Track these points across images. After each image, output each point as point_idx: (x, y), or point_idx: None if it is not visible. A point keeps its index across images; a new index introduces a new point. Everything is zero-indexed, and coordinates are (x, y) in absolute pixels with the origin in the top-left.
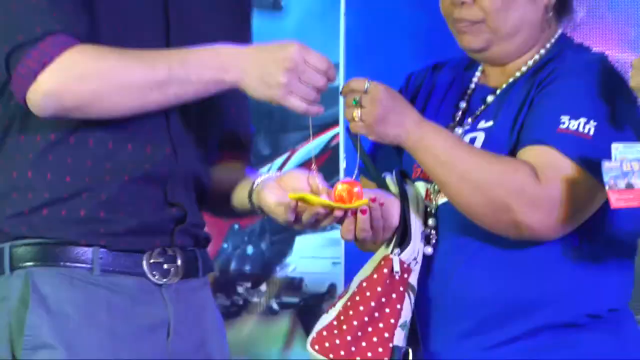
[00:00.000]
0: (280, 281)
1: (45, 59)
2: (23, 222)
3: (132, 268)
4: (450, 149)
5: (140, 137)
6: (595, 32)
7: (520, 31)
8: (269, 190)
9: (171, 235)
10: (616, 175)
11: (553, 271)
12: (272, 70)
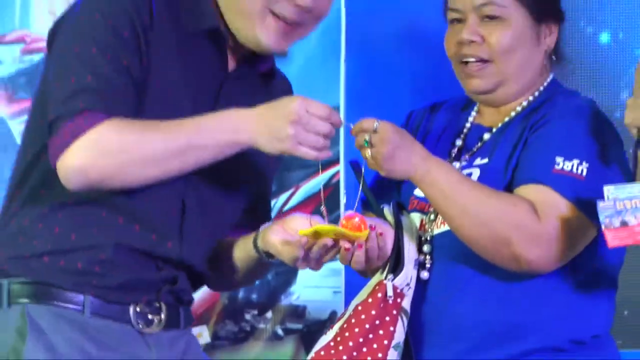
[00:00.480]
0: (285, 309)
1: (77, 132)
2: (23, 264)
3: (119, 315)
4: (454, 184)
5: (150, 224)
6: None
7: (524, 73)
8: (274, 232)
9: (158, 292)
10: (611, 215)
11: (542, 299)
12: (279, 126)
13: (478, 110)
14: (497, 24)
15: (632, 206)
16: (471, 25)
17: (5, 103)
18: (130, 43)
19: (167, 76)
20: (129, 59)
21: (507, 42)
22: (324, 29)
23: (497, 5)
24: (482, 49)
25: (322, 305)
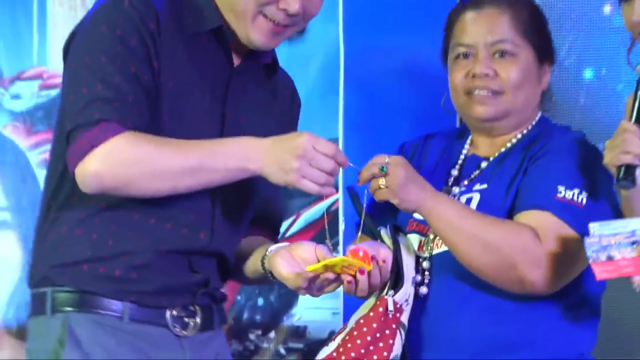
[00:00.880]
0: (287, 329)
1: (94, 142)
2: (65, 272)
3: (157, 320)
4: (460, 216)
5: (181, 219)
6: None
7: (525, 108)
8: (281, 259)
9: (193, 296)
10: (597, 250)
11: (534, 318)
12: (286, 158)
13: (471, 142)
14: (508, 60)
15: (616, 242)
16: (484, 60)
17: (24, 136)
18: (138, 51)
19: (178, 76)
20: (137, 66)
21: (518, 76)
22: (324, 65)
23: (509, 43)
24: (494, 82)
25: (321, 325)
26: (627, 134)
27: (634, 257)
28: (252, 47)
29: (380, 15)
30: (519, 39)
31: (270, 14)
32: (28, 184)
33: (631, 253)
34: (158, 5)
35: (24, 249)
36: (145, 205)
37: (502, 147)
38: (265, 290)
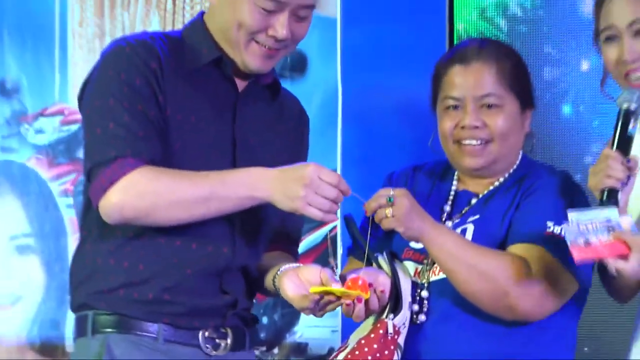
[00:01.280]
0: (289, 345)
1: (113, 177)
2: (103, 298)
3: (190, 340)
4: (459, 246)
5: (205, 238)
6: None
7: (512, 153)
8: (288, 280)
9: (224, 317)
10: (575, 235)
11: (523, 339)
12: (292, 187)
13: (459, 178)
14: (494, 111)
15: (593, 227)
16: (473, 112)
17: (47, 167)
18: (143, 90)
19: (185, 108)
20: (143, 104)
21: (504, 126)
22: (324, 102)
23: (495, 96)
24: (483, 132)
25: (321, 342)
26: (609, 160)
27: (609, 242)
28: (249, 72)
29: (375, 57)
30: (503, 91)
31: (261, 40)
32: (50, 212)
33: (607, 238)
34: (159, 46)
35: (46, 271)
36: (170, 230)
37: (490, 186)
38: (269, 309)
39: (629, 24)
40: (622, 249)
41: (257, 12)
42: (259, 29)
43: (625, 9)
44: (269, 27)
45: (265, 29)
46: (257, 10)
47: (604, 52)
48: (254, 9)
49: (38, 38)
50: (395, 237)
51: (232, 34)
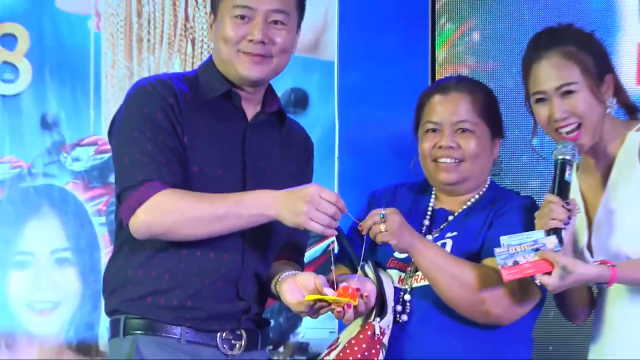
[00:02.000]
0: (293, 345)
1: (141, 198)
2: (133, 305)
3: (209, 341)
4: (443, 258)
5: (221, 247)
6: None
7: (481, 173)
8: (286, 286)
9: (239, 321)
10: (505, 257)
11: (492, 338)
12: (297, 204)
13: (436, 197)
14: (467, 135)
15: (522, 249)
16: (449, 135)
17: (82, 191)
18: (163, 122)
19: (201, 137)
20: (164, 134)
21: (475, 148)
22: (322, 135)
23: (469, 122)
24: (457, 152)
25: (320, 342)
26: (551, 204)
27: (535, 261)
28: (246, 82)
29: (368, 95)
30: (476, 118)
31: (244, 48)
32: (85, 229)
33: (534, 257)
34: (176, 85)
35: (82, 281)
36: (191, 243)
37: (464, 205)
38: (275, 313)
39: (556, 88)
40: (545, 266)
41: (234, 24)
42: (240, 38)
43: (551, 75)
44: (247, 34)
45: (245, 36)
46: (234, 22)
47: (535, 112)
48: (231, 22)
49: (75, 78)
50: (379, 249)
51: (223, 53)
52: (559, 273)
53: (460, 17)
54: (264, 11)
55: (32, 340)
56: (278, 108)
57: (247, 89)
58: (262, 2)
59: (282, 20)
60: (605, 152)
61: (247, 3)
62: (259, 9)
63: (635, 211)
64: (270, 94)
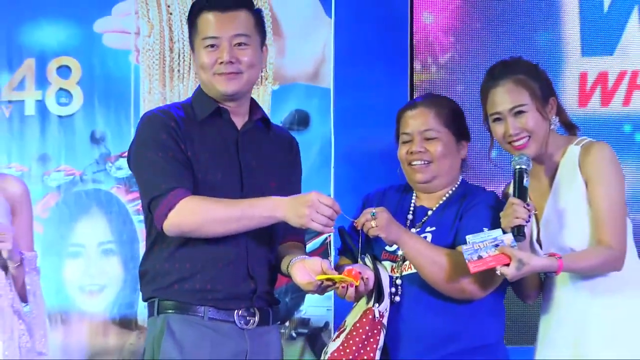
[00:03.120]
0: (297, 320)
1: (170, 204)
2: (164, 291)
3: (227, 318)
4: (426, 247)
5: (228, 239)
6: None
7: (449, 172)
8: (297, 269)
9: (251, 300)
10: (471, 253)
11: (469, 312)
12: (300, 208)
13: (417, 196)
14: (434, 141)
15: (483, 246)
16: (419, 142)
17: (124, 194)
18: (169, 142)
19: (201, 149)
20: (172, 152)
21: (441, 151)
22: (320, 148)
23: (434, 130)
24: (425, 155)
25: (319, 318)
26: (514, 206)
27: (496, 254)
28: (226, 97)
29: (358, 115)
30: (440, 127)
31: (218, 70)
32: (126, 225)
33: (494, 252)
34: (174, 112)
35: (123, 268)
36: (207, 238)
37: (440, 200)
38: (282, 294)
39: (509, 109)
40: (504, 259)
41: (206, 52)
42: (213, 63)
43: (506, 99)
44: (218, 58)
45: (216, 60)
46: (206, 51)
47: (493, 129)
48: (204, 51)
49: (118, 102)
50: (374, 245)
51: (203, 78)
52: (515, 265)
53: (434, 52)
54: (227, 37)
55: (83, 316)
56: (262, 116)
57: (231, 104)
58: (225, 30)
59: (245, 42)
60: (550, 161)
61: (213, 34)
62: (223, 36)
63: (577, 211)
64: (254, 106)
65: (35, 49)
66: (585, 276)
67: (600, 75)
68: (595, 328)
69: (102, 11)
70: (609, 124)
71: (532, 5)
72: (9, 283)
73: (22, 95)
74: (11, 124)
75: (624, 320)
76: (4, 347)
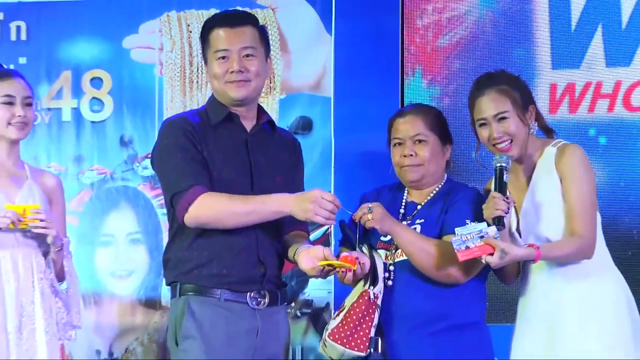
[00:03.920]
0: (301, 301)
1: (190, 200)
2: (185, 276)
3: (240, 299)
4: (415, 238)
5: (240, 229)
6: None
7: (436, 172)
8: (302, 257)
9: (261, 283)
10: (459, 243)
11: (454, 296)
12: (305, 203)
13: (408, 192)
14: (422, 145)
15: (470, 237)
16: (409, 146)
17: (150, 190)
18: (187, 144)
19: (215, 150)
20: (190, 153)
21: (428, 154)
22: (322, 150)
23: (422, 135)
24: (415, 159)
25: (321, 299)
26: (495, 199)
27: (481, 245)
28: (236, 102)
29: (356, 121)
30: (427, 132)
31: (229, 78)
32: (152, 218)
33: (480, 242)
34: (191, 118)
35: (148, 255)
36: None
37: (428, 197)
38: (288, 278)
39: (493, 115)
40: (488, 249)
41: (219, 64)
42: (224, 72)
43: (490, 106)
44: (229, 68)
45: (227, 70)
46: (218, 63)
47: (479, 133)
48: (216, 63)
49: (144, 109)
50: (371, 236)
51: (216, 86)
52: (499, 254)
53: (422, 65)
54: (237, 50)
55: (113, 298)
56: (268, 119)
57: (240, 109)
58: (234, 44)
59: (252, 53)
60: (529, 160)
61: (224, 47)
62: (233, 49)
63: (552, 205)
64: (261, 111)
65: (71, 63)
66: (559, 263)
67: (569, 86)
68: (568, 309)
69: (130, 29)
70: (576, 129)
71: (508, 24)
72: (49, 266)
73: (59, 104)
74: (50, 129)
75: (594, 303)
76: (45, 323)
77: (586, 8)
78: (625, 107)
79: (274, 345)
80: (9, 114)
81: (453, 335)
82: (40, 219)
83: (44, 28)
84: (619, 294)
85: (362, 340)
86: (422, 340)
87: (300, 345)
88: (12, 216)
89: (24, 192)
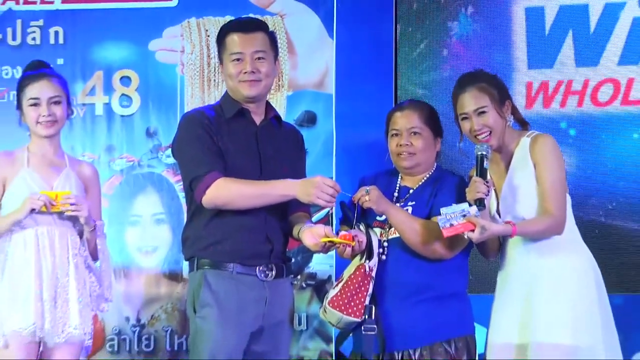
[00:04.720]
0: (306, 274)
1: (208, 184)
2: (202, 252)
3: (250, 272)
4: (407, 218)
5: (254, 211)
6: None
7: (428, 161)
8: (305, 235)
9: (269, 258)
10: (444, 222)
11: (439, 270)
12: (308, 188)
13: (402, 178)
14: (417, 136)
15: (454, 216)
16: (405, 137)
17: (172, 176)
18: (204, 135)
19: (228, 142)
20: (207, 143)
21: (422, 145)
22: (325, 141)
23: (417, 128)
24: (411, 148)
25: (324, 272)
26: (477, 183)
27: (463, 223)
28: (248, 99)
29: (355, 115)
30: (422, 125)
31: (242, 78)
32: (174, 200)
33: (462, 220)
34: (207, 111)
35: (171, 233)
36: (233, 210)
37: (419, 182)
38: (294, 254)
39: (474, 110)
40: (470, 226)
41: (233, 65)
42: (238, 73)
43: (471, 102)
44: (242, 69)
45: (241, 71)
46: (233, 64)
47: (461, 126)
48: (231, 64)
49: (168, 105)
50: (368, 215)
51: (230, 85)
52: (479, 231)
53: (415, 66)
54: (250, 53)
55: (140, 271)
56: (275, 114)
57: (251, 105)
58: (247, 47)
59: (263, 57)
60: (507, 149)
61: (238, 50)
62: (246, 52)
63: (527, 188)
64: (269, 107)
65: (103, 64)
66: (534, 239)
67: (543, 84)
68: (541, 280)
69: (155, 34)
70: (549, 122)
71: (488, 30)
72: (83, 245)
73: (93, 100)
74: (84, 122)
75: (564, 274)
76: (78, 294)
77: (558, 15)
78: (592, 102)
79: (281, 312)
80: (35, 114)
81: (438, 304)
82: (70, 203)
83: (79, 33)
84: (587, 266)
85: (357, 307)
86: (410, 307)
87: (305, 313)
88: (45, 199)
89: (62, 179)
